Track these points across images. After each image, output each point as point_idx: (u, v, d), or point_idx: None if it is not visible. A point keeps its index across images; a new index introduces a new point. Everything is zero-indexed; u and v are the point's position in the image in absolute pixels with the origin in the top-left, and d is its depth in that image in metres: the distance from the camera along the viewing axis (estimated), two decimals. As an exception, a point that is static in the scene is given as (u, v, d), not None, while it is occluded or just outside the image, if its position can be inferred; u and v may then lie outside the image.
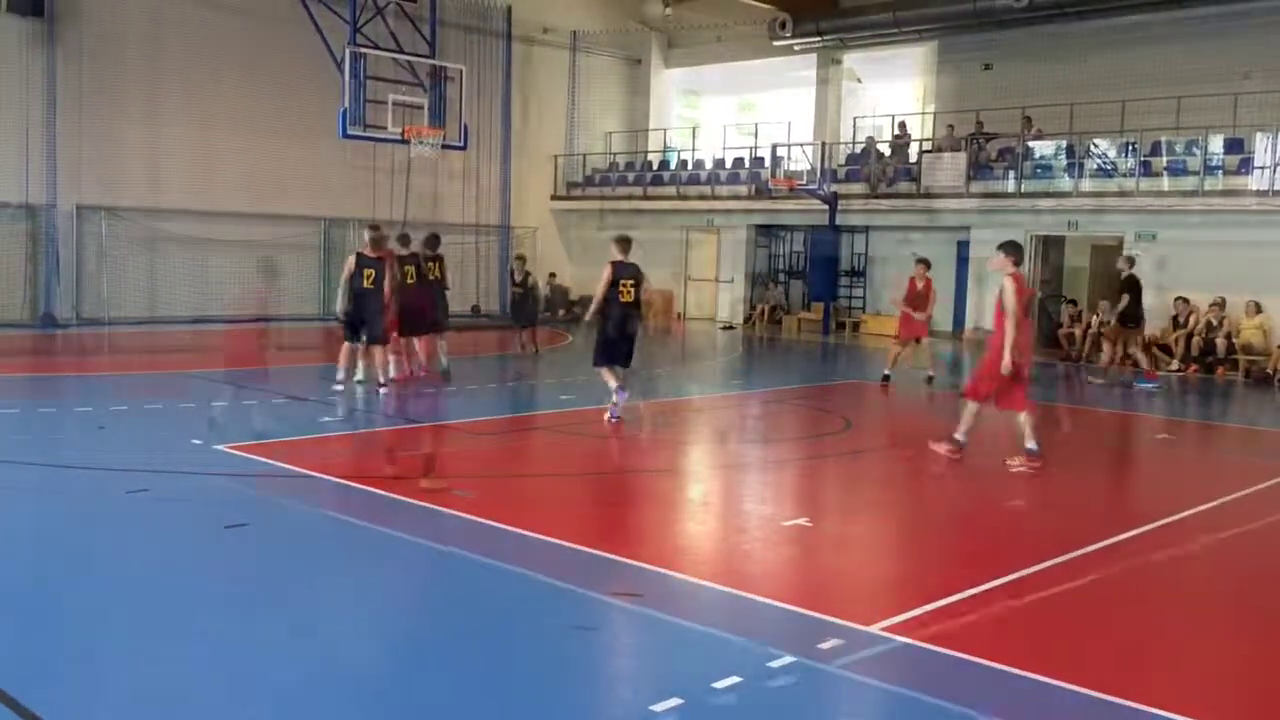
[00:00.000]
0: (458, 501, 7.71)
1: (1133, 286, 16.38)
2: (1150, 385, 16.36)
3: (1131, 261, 16.80)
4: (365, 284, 12.36)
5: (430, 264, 13.90)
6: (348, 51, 15.77)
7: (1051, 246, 23.18)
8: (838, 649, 5.19)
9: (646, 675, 5.05)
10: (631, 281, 10.99)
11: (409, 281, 13.18)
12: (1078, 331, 20.41)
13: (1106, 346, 17.33)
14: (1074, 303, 21.29)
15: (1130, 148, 20.94)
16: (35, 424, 10.61)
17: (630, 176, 29.14)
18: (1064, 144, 21.66)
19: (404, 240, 13.91)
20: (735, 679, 4.78)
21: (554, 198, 29.46)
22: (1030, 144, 22.34)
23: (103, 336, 19.46)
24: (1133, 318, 16.48)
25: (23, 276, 20.38)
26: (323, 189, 23.79)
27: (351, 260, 12.62)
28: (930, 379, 15.66)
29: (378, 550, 6.86)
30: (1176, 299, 19.14)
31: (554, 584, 6.14)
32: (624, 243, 11.28)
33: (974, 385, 9.77)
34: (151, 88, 21.45)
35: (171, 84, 21.66)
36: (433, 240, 14.08)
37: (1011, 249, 9.71)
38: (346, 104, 15.61)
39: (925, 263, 16.01)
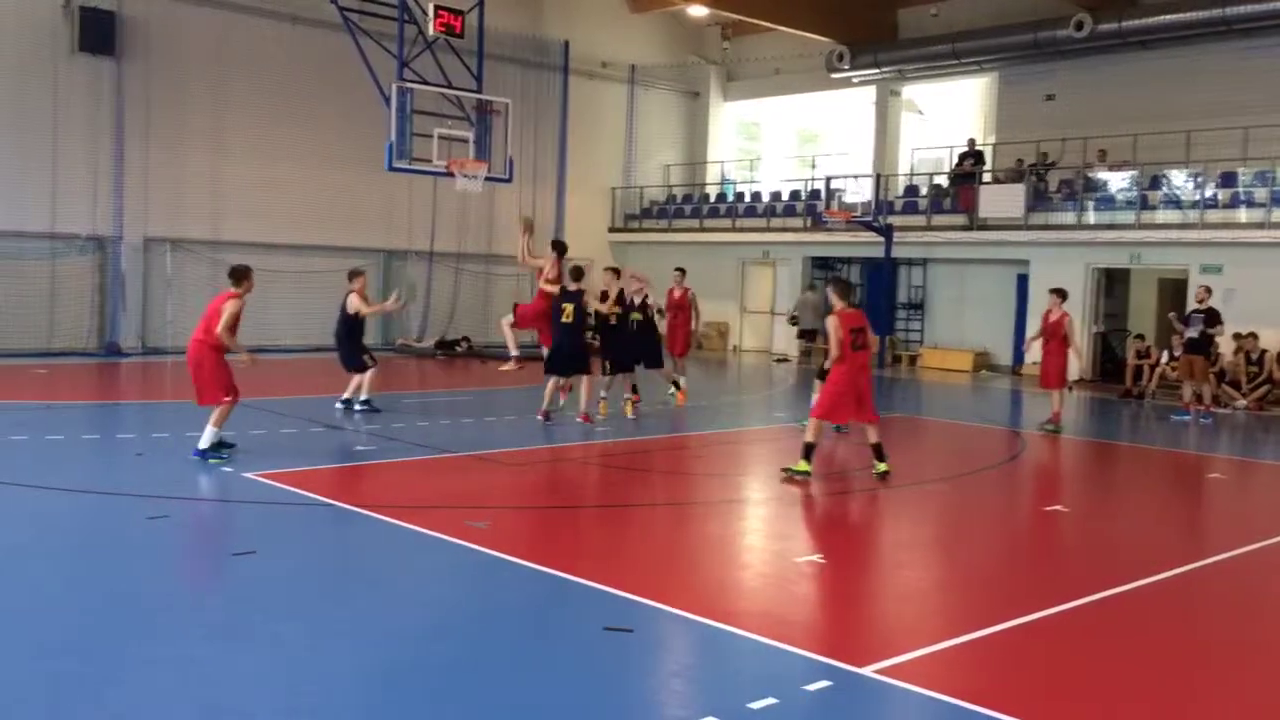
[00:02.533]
0: (471, 532, 7.70)
1: (1213, 316, 16.28)
2: (1186, 417, 16.19)
3: (1210, 291, 16.67)
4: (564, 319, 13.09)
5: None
6: (394, 87, 16.02)
7: (1116, 280, 22.67)
8: (824, 691, 5.04)
9: (616, 712, 4.92)
10: (571, 306, 12.88)
11: None
12: (1146, 366, 19.75)
13: (1186, 384, 16.70)
14: (1141, 337, 20.69)
15: (1196, 179, 20.43)
16: (76, 451, 10.86)
17: (687, 209, 29.20)
18: (1134, 175, 21.20)
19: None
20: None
21: (611, 230, 29.61)
22: (1092, 175, 21.91)
23: (164, 366, 19.93)
24: (1203, 347, 16.28)
25: (90, 307, 20.99)
26: (381, 221, 24.27)
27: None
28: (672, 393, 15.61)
29: (380, 582, 6.86)
30: (1247, 334, 18.47)
31: (545, 615, 6.10)
32: (574, 272, 13.31)
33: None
34: (215, 124, 22.11)
35: (234, 121, 22.31)
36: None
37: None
38: (393, 138, 15.85)
39: (681, 271, 16.88)
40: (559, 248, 14.16)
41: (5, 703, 4.62)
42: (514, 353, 14.14)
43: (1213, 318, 16.26)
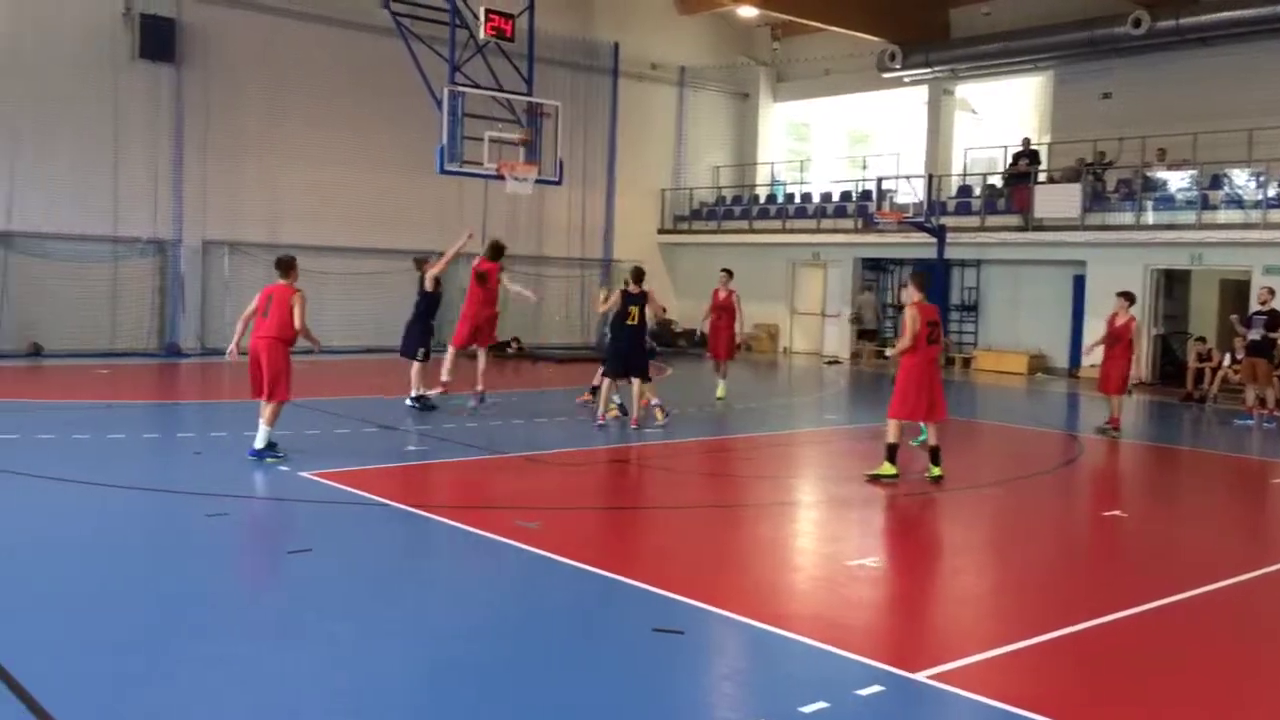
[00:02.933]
0: (521, 532, 7.74)
1: (1275, 318, 15.91)
2: (1249, 422, 15.88)
3: (1273, 292, 16.23)
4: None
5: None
6: (446, 90, 16.17)
7: (1176, 281, 22.26)
8: (876, 696, 5.00)
9: (665, 714, 4.92)
10: (636, 308, 12.96)
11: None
12: (1207, 370, 19.34)
13: (1249, 387, 16.36)
14: (1202, 340, 20.26)
15: (1258, 178, 20.00)
16: (137, 449, 11.08)
17: (737, 210, 29.13)
18: (1194, 174, 20.81)
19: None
20: (763, 723, 4.66)
21: (660, 231, 29.63)
22: (1151, 174, 21.53)
23: (222, 366, 20.25)
24: (1266, 350, 15.93)
25: (150, 308, 21.41)
26: (433, 223, 24.45)
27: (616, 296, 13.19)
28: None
29: (432, 581, 6.92)
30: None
31: (595, 616, 6.12)
32: (635, 273, 13.37)
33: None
34: (270, 129, 22.47)
35: (289, 125, 22.66)
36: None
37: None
38: (444, 141, 15.99)
39: (728, 272, 16.52)
40: (495, 251, 14.45)
41: (66, 696, 4.71)
42: (445, 378, 13.86)
43: (1275, 320, 15.89)
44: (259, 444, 10.13)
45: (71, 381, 16.75)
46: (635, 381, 13.14)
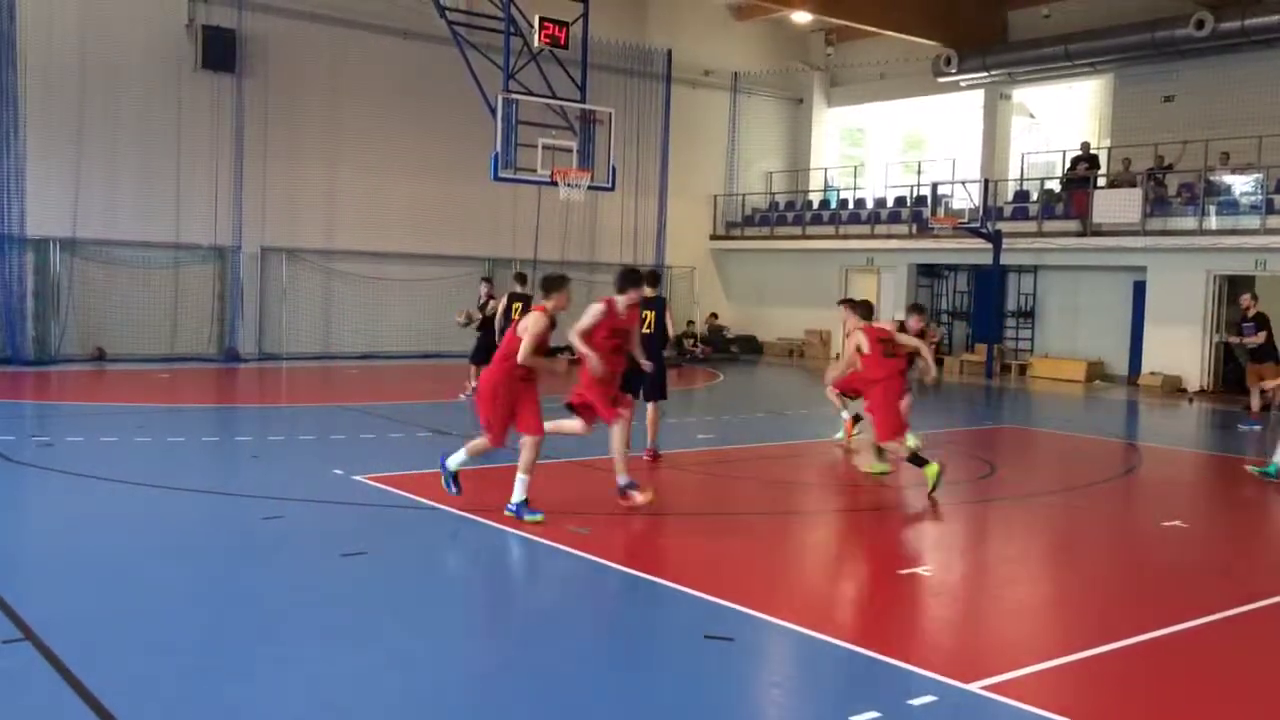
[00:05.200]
0: (572, 538, 7.76)
1: (1265, 322, 15.92)
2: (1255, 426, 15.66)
3: (1255, 298, 16.22)
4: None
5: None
6: (500, 98, 16.32)
7: (1239, 287, 21.76)
8: (929, 706, 4.94)
9: (722, 722, 4.91)
10: (652, 313, 10.80)
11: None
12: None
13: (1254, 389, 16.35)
14: (1266, 347, 19.75)
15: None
16: (196, 453, 11.29)
17: (790, 216, 29.01)
18: (1259, 178, 20.37)
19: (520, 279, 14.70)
20: (812, 732, 4.62)
21: (713, 237, 29.59)
22: (1214, 178, 21.09)
23: (279, 371, 20.60)
24: (1268, 353, 15.95)
25: (210, 314, 21.81)
26: (486, 230, 24.68)
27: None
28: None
29: (483, 584, 6.96)
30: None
31: (645, 621, 6.11)
32: (649, 277, 10.90)
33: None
34: (328, 137, 22.79)
35: (346, 133, 22.97)
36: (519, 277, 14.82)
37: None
38: (498, 148, 16.13)
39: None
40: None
41: (132, 695, 4.81)
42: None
43: (1263, 323, 15.95)
44: (515, 496, 8.25)
45: (134, 385, 17.11)
46: (650, 405, 11.07)
